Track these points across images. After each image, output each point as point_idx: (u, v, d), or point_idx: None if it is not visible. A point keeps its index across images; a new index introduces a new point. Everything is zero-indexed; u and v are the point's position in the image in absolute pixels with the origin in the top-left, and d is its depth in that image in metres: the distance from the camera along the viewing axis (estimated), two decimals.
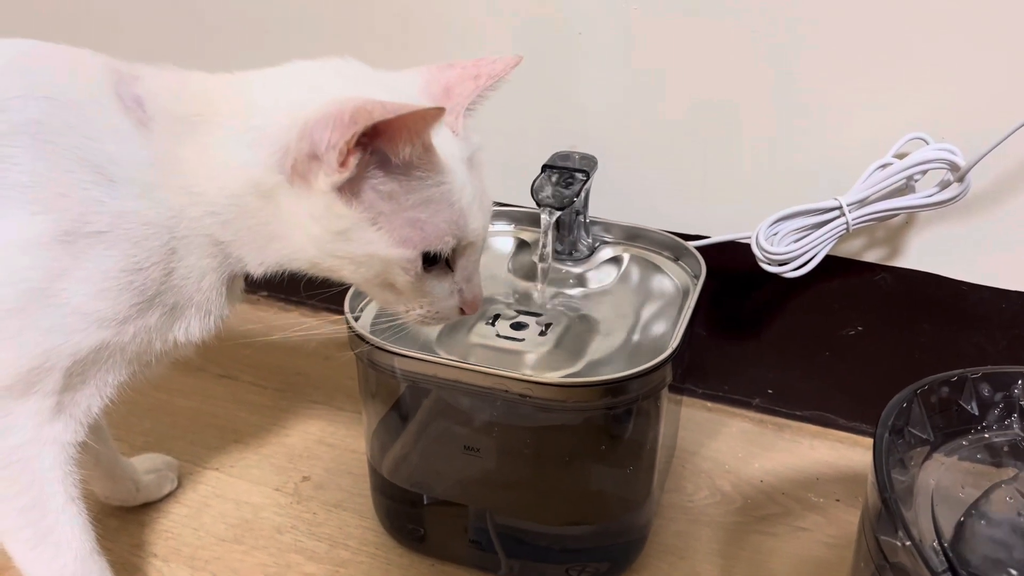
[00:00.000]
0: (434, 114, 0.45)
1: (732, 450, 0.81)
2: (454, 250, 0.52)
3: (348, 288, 0.64)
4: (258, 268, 0.54)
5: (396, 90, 0.52)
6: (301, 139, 0.47)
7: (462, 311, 0.56)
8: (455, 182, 0.50)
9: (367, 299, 0.66)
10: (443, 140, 0.50)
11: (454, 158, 0.51)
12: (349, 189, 0.48)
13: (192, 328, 0.54)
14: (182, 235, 0.51)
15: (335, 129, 0.45)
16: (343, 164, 0.46)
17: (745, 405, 0.87)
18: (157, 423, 0.84)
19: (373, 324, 0.64)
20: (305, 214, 0.49)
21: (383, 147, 0.47)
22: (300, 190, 0.48)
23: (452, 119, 0.52)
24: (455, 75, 0.53)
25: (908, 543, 0.42)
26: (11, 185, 0.46)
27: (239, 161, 0.49)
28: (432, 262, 0.52)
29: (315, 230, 0.49)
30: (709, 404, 0.88)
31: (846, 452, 0.81)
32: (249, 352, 0.96)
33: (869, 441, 0.81)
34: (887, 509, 0.45)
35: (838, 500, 0.74)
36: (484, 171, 0.55)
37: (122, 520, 0.72)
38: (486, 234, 0.56)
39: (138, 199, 0.49)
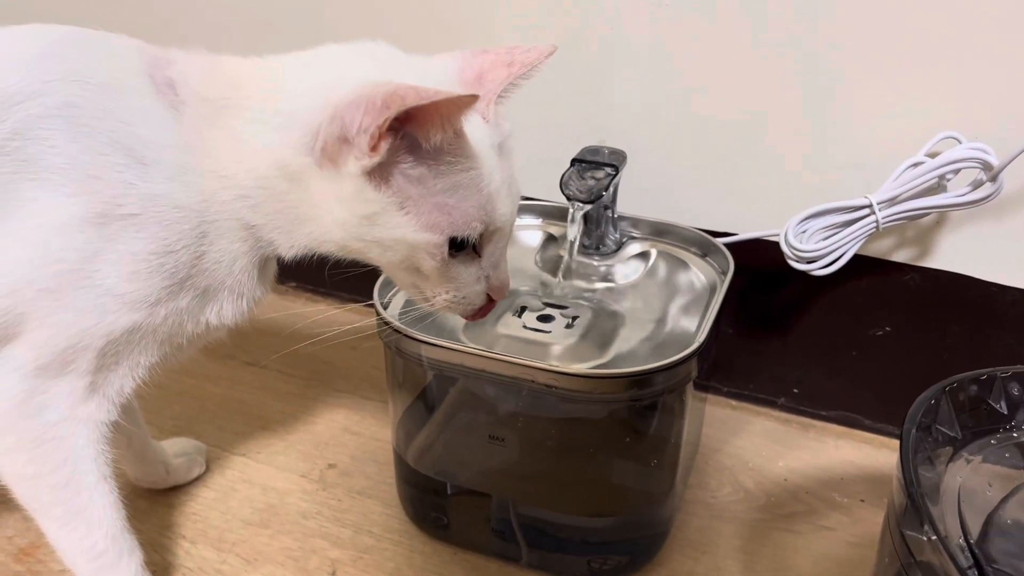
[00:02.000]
0: (467, 101, 0.45)
1: (756, 448, 0.81)
2: (481, 236, 0.52)
3: (377, 275, 0.65)
4: (288, 251, 0.54)
5: (428, 75, 0.52)
6: (332, 122, 0.47)
7: (489, 297, 0.56)
8: (484, 168, 0.50)
9: (396, 288, 0.67)
10: (473, 126, 0.50)
11: (484, 144, 0.51)
12: (378, 173, 0.48)
13: (225, 311, 0.55)
14: (212, 219, 0.51)
15: (367, 113, 0.44)
16: (374, 149, 0.46)
17: (770, 404, 0.87)
18: (186, 408, 0.85)
19: (400, 313, 0.65)
20: (333, 197, 0.49)
21: (414, 131, 0.47)
22: (329, 173, 0.48)
23: (483, 106, 0.52)
24: (488, 61, 0.53)
25: (934, 538, 0.42)
26: (46, 168, 0.47)
27: (268, 144, 0.49)
28: (459, 247, 0.52)
29: (343, 213, 0.49)
30: (734, 402, 0.87)
31: (872, 453, 0.80)
32: (277, 341, 0.97)
33: (895, 443, 0.80)
34: (913, 504, 0.44)
35: (863, 500, 0.74)
36: (515, 158, 0.55)
37: (152, 502, 0.73)
38: (514, 220, 0.56)
39: (169, 182, 0.49)
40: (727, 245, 0.72)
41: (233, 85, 0.51)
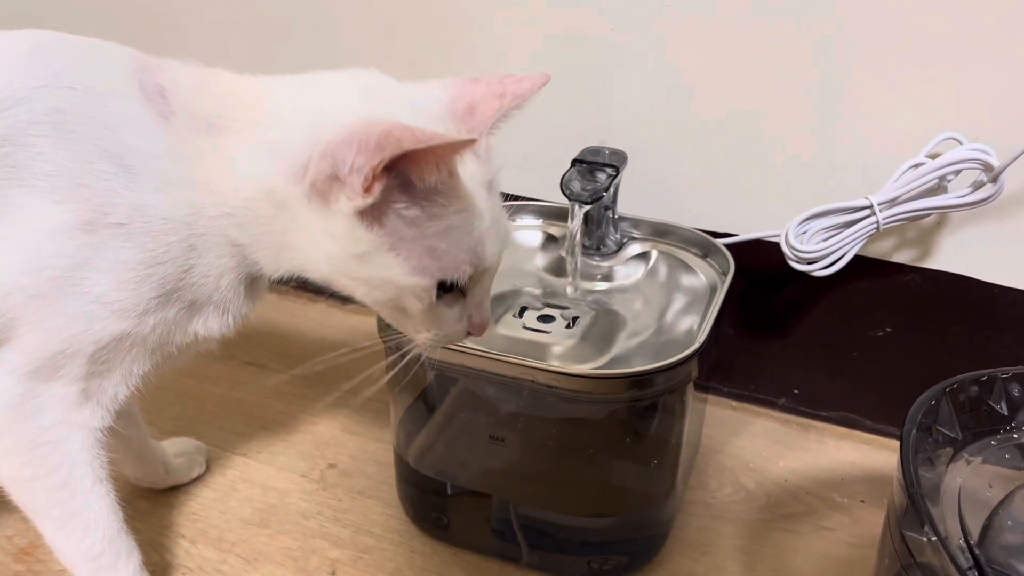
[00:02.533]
0: (463, 145, 0.44)
1: (757, 449, 0.81)
2: (470, 278, 0.51)
3: None
4: (274, 273, 0.53)
5: (421, 108, 0.50)
6: (323, 159, 0.45)
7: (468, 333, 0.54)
8: (475, 208, 0.49)
9: None
10: (465, 164, 0.49)
11: (475, 182, 0.49)
12: (371, 213, 0.46)
13: (211, 325, 0.54)
14: (200, 233, 0.50)
15: (359, 152, 0.43)
16: (368, 190, 0.44)
17: (770, 405, 0.87)
18: (186, 408, 0.85)
19: None
20: (322, 231, 0.48)
21: (407, 170, 0.45)
22: (318, 207, 0.47)
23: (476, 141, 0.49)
24: (480, 92, 0.51)
25: (934, 538, 0.42)
26: (35, 174, 0.46)
27: (256, 168, 0.49)
28: (447, 289, 0.50)
29: (332, 249, 0.48)
30: (734, 403, 0.87)
31: (872, 454, 0.80)
32: (277, 341, 0.97)
33: (895, 443, 0.80)
34: (913, 504, 0.44)
35: (863, 501, 0.74)
36: (499, 193, 0.53)
37: (152, 502, 0.73)
38: (501, 259, 0.54)
39: (156, 192, 0.49)
40: (727, 246, 0.72)
41: (224, 103, 0.50)
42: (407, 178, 0.46)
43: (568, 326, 0.66)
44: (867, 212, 0.71)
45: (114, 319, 0.49)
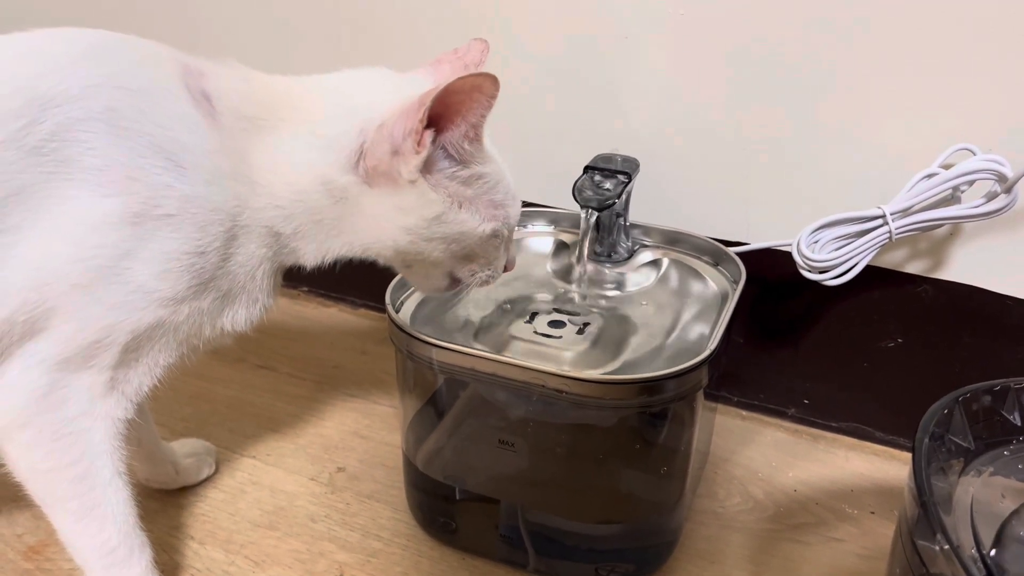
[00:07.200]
0: (491, 81, 0.49)
1: (766, 458, 0.80)
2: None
3: (389, 278, 0.65)
4: (313, 259, 0.57)
5: (424, 89, 0.55)
6: (381, 142, 0.52)
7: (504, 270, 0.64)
8: (501, 164, 0.58)
9: (408, 292, 0.67)
10: (483, 134, 0.55)
11: (489, 144, 0.56)
12: (433, 179, 0.53)
13: (239, 316, 0.57)
14: (244, 224, 0.54)
15: (407, 118, 0.50)
16: (420, 143, 0.51)
17: (780, 415, 0.86)
18: (197, 410, 0.86)
19: (412, 318, 0.65)
20: (395, 209, 0.54)
21: (445, 143, 0.53)
22: (385, 189, 0.53)
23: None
24: (450, 70, 0.59)
25: (947, 547, 0.42)
26: (84, 168, 0.48)
27: (308, 162, 0.54)
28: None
29: (408, 220, 0.54)
30: (744, 412, 0.87)
31: (882, 465, 0.80)
32: (288, 344, 0.97)
33: (906, 455, 0.80)
34: (926, 513, 0.44)
35: (873, 512, 0.74)
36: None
37: (161, 503, 0.73)
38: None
39: (207, 185, 0.51)
40: (739, 254, 0.72)
41: (269, 106, 0.54)
42: (448, 151, 0.54)
43: (579, 332, 0.66)
44: (880, 222, 0.71)
45: (154, 308, 0.51)
